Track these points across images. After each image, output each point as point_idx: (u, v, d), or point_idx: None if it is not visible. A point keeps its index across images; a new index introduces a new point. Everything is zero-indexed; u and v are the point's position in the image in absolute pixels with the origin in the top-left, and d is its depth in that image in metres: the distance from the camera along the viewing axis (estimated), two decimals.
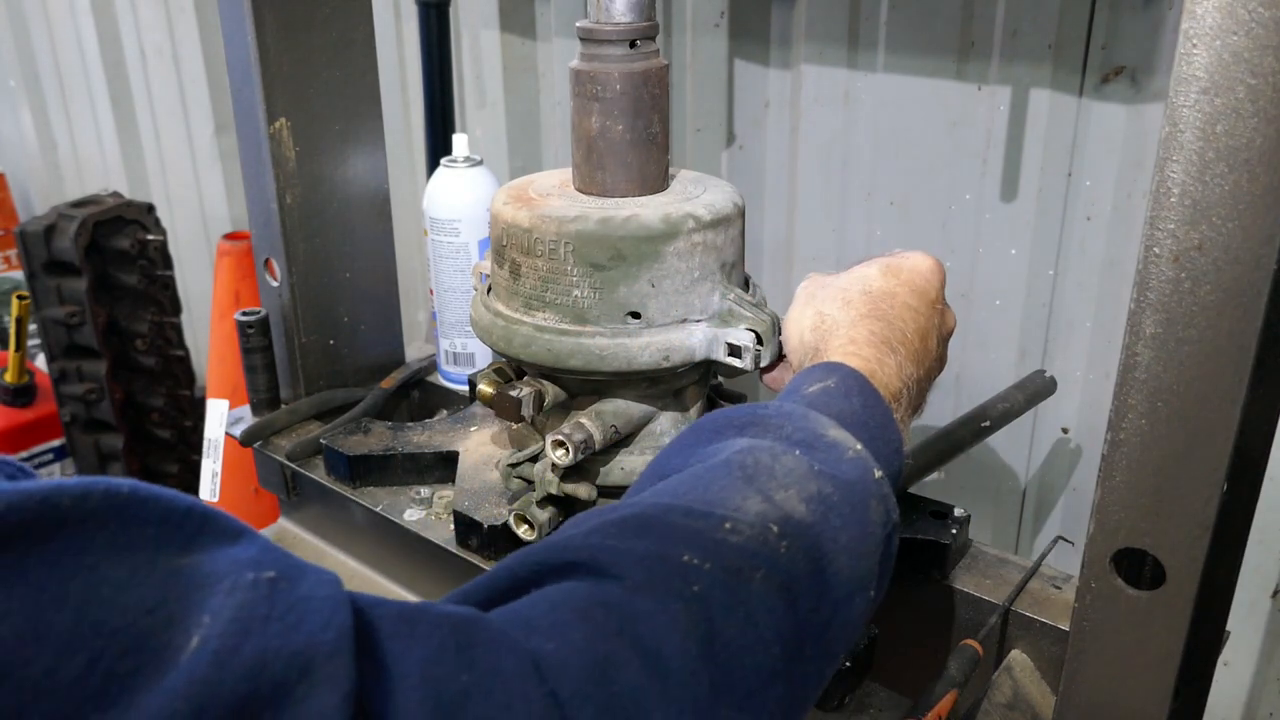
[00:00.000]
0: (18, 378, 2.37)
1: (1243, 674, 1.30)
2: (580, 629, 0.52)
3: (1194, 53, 0.52)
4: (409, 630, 0.48)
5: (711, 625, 0.54)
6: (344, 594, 0.46)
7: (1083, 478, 1.36)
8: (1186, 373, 0.57)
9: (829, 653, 0.62)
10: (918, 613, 0.92)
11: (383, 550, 1.12)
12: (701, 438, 0.70)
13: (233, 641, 0.41)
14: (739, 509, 0.60)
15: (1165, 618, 0.63)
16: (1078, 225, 1.26)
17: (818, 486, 0.63)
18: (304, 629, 0.43)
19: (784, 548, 0.59)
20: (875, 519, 0.65)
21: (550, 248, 0.86)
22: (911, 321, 0.81)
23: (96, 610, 0.39)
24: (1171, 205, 0.55)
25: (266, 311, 1.18)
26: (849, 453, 0.67)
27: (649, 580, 0.54)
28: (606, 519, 0.59)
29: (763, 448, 0.65)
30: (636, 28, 0.86)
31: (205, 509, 0.45)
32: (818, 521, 0.62)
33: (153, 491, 0.43)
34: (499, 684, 0.48)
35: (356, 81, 1.18)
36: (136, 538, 0.42)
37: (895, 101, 1.34)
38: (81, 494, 0.41)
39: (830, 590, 0.61)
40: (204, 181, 2.64)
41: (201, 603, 0.42)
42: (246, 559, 0.44)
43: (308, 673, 0.42)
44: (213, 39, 2.40)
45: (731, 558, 0.57)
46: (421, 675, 0.47)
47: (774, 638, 0.56)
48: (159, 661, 0.39)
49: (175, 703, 0.39)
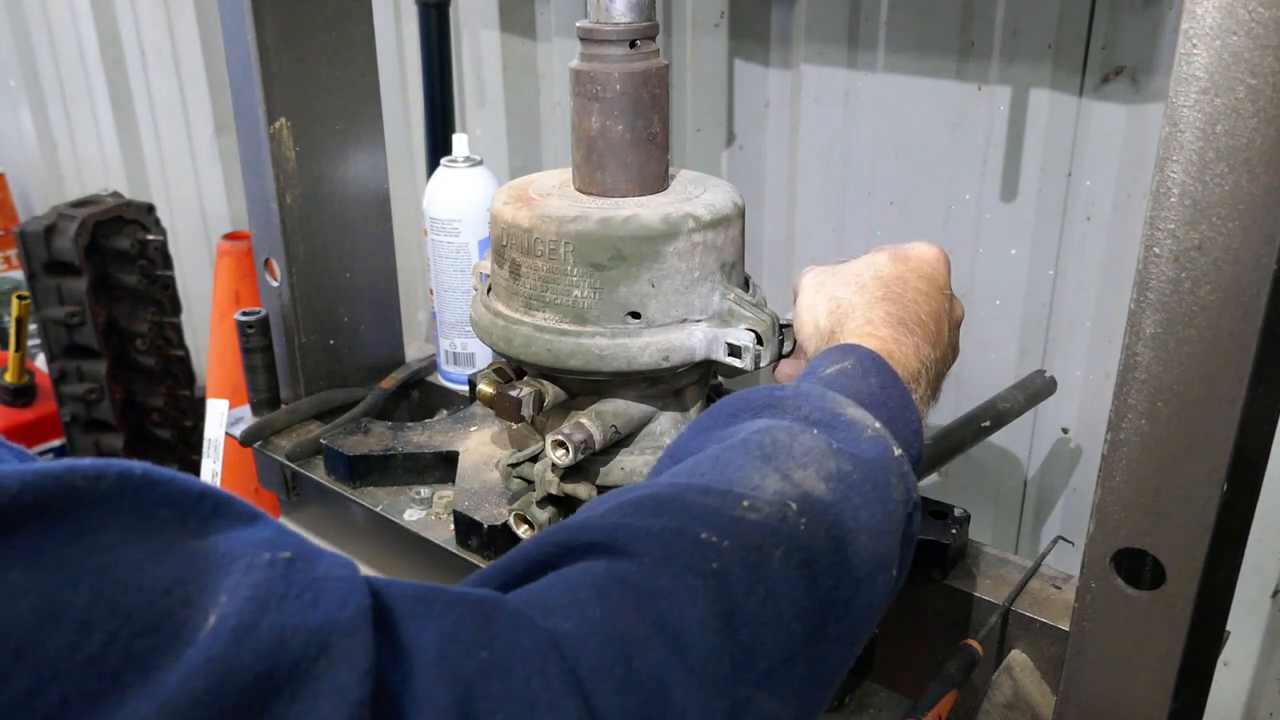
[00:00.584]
0: (18, 378, 2.37)
1: (1243, 674, 1.30)
2: (598, 606, 0.51)
3: (1194, 53, 0.52)
4: (426, 609, 0.48)
5: (731, 602, 0.53)
6: (360, 576, 0.46)
7: (1083, 478, 1.36)
8: (1186, 373, 0.57)
9: (852, 633, 0.61)
10: (918, 613, 0.92)
11: (383, 550, 1.12)
12: (719, 421, 0.69)
13: (250, 619, 0.41)
14: (757, 487, 0.59)
15: (1165, 618, 0.63)
16: (1078, 225, 1.26)
17: (837, 464, 0.63)
18: (321, 607, 0.43)
19: (803, 525, 0.58)
20: (896, 497, 0.64)
21: (550, 248, 0.86)
22: (925, 304, 0.80)
23: (113, 590, 0.39)
24: (1171, 205, 0.55)
25: (266, 311, 1.18)
26: (868, 431, 0.66)
27: (667, 557, 0.54)
28: (622, 499, 0.59)
29: (780, 427, 0.65)
30: (636, 28, 0.86)
31: (219, 493, 0.45)
32: (838, 500, 0.61)
33: (166, 475, 0.43)
34: (518, 662, 0.48)
35: (356, 81, 1.18)
36: (151, 519, 0.42)
37: (895, 101, 1.34)
38: (96, 474, 0.41)
39: (852, 569, 0.60)
40: (204, 181, 2.64)
41: (218, 582, 0.42)
42: (262, 540, 0.44)
43: (326, 649, 0.42)
44: (213, 39, 2.40)
45: (750, 535, 0.56)
46: (439, 653, 0.46)
47: (795, 616, 0.56)
48: (176, 640, 0.39)
49: (193, 680, 0.39)
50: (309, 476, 1.11)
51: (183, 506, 0.43)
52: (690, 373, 0.93)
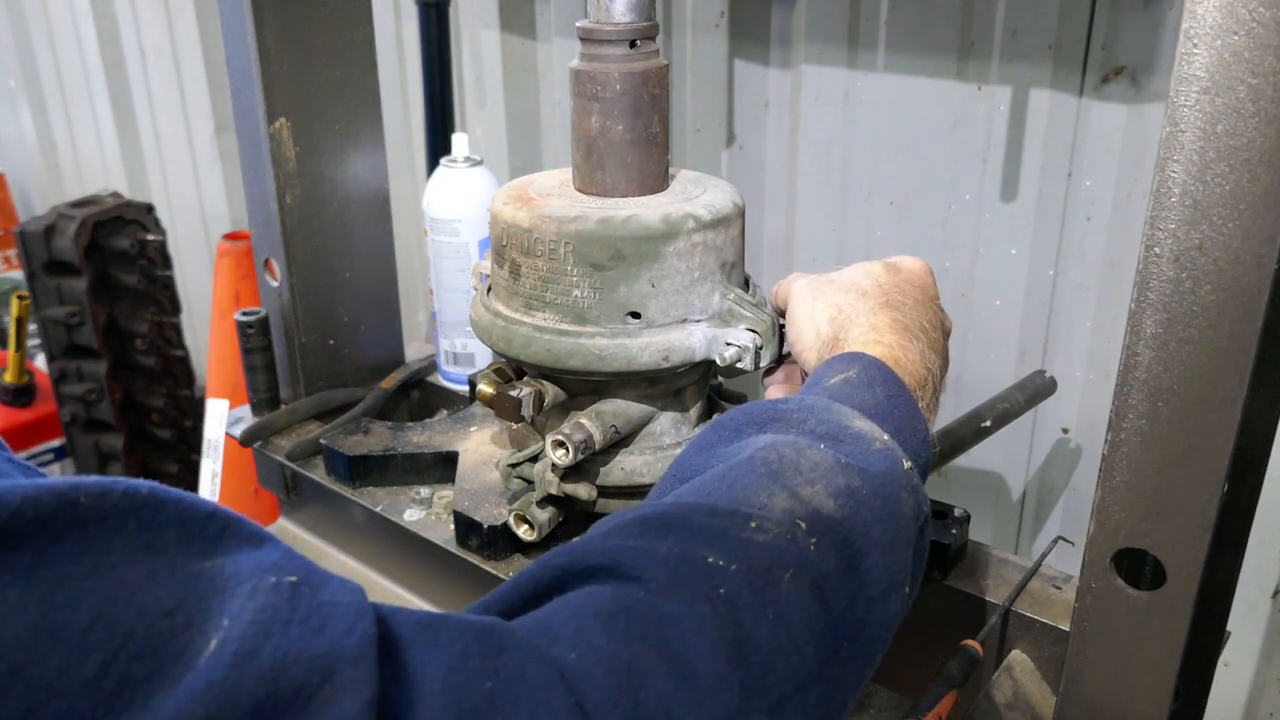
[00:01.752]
0: (18, 378, 2.37)
1: (1243, 674, 1.30)
2: (603, 634, 0.50)
3: (1194, 52, 0.52)
4: (431, 637, 0.47)
5: (740, 628, 0.52)
6: (367, 602, 0.46)
7: (1083, 478, 1.36)
8: (1186, 373, 0.57)
9: (865, 654, 0.60)
10: (918, 613, 0.92)
11: (383, 550, 1.12)
12: (722, 437, 0.68)
13: (252, 644, 0.40)
14: (765, 506, 0.58)
15: (1165, 618, 0.63)
16: (1078, 225, 1.26)
17: (845, 480, 0.61)
18: (327, 634, 0.42)
19: (813, 545, 0.57)
20: (907, 512, 0.63)
21: (550, 248, 0.85)
22: (925, 312, 0.80)
23: (113, 611, 0.38)
24: (1172, 205, 0.55)
25: (266, 311, 1.18)
26: (876, 444, 0.65)
27: (673, 583, 0.53)
28: (627, 520, 0.58)
29: (786, 443, 0.63)
30: (636, 28, 0.86)
31: (228, 514, 0.45)
32: (848, 517, 0.60)
33: (173, 495, 0.43)
34: (524, 692, 0.47)
35: (356, 81, 1.18)
36: (156, 539, 0.41)
37: (895, 101, 1.34)
38: (101, 493, 0.40)
39: (864, 588, 0.59)
40: (204, 181, 2.64)
41: (221, 606, 0.41)
42: (269, 563, 0.44)
43: (330, 677, 0.41)
44: (213, 39, 2.40)
45: (758, 557, 0.55)
46: (444, 682, 0.46)
47: (807, 640, 0.55)
48: (176, 664, 0.39)
49: (192, 705, 0.38)
50: (309, 476, 1.11)
51: (190, 527, 0.43)
52: (690, 373, 0.93)
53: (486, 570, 0.94)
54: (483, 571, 0.94)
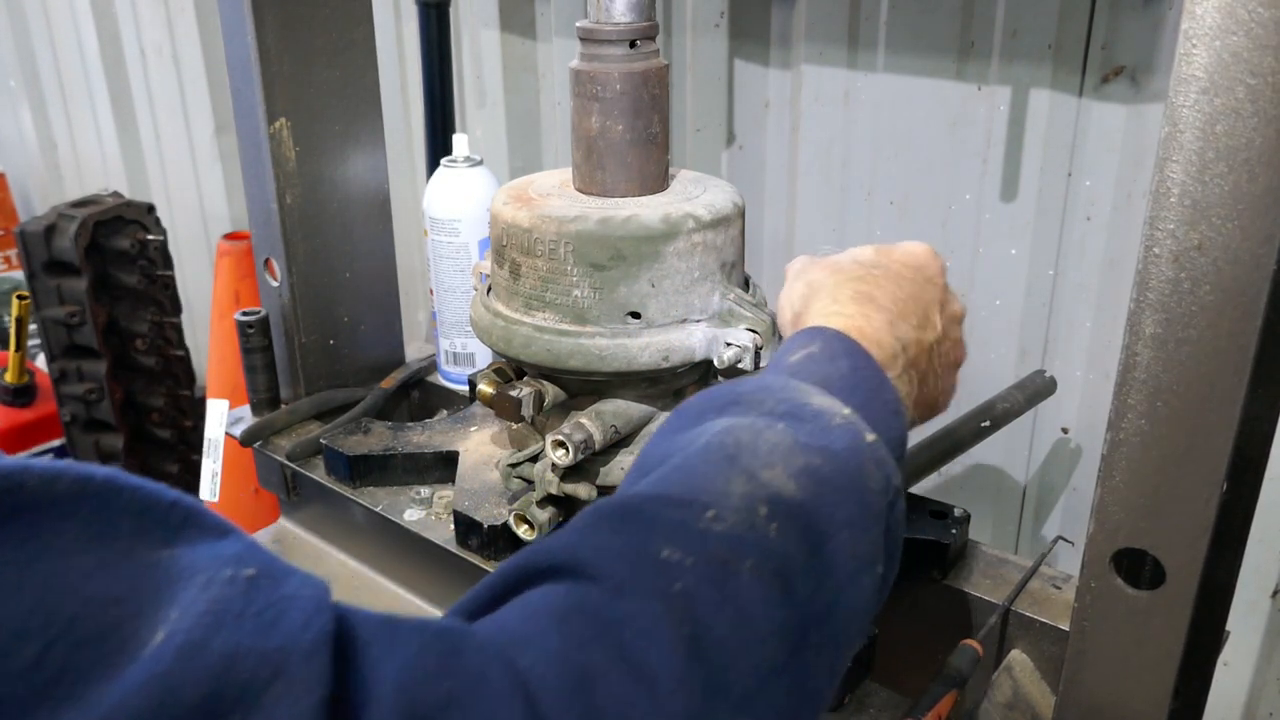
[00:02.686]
0: (18, 378, 2.37)
1: (1243, 674, 1.30)
2: (556, 636, 0.48)
3: (1194, 53, 0.52)
4: (389, 637, 0.46)
5: (698, 625, 0.50)
6: (328, 599, 0.44)
7: (1083, 478, 1.36)
8: (1186, 373, 0.57)
9: (837, 640, 0.57)
10: (918, 613, 0.92)
11: (383, 550, 1.12)
12: (684, 423, 0.65)
13: (200, 636, 0.39)
14: (723, 493, 0.56)
15: (1165, 618, 0.63)
16: (1078, 225, 1.26)
17: (806, 460, 0.59)
18: (281, 628, 0.41)
19: (774, 530, 0.55)
20: (874, 487, 0.61)
21: (550, 248, 0.86)
22: (906, 286, 0.76)
23: (56, 598, 0.37)
24: (1171, 205, 0.55)
25: (266, 311, 1.18)
26: (836, 419, 0.62)
27: (628, 579, 0.51)
28: (585, 513, 0.56)
29: (743, 425, 0.61)
30: (636, 28, 0.86)
31: (191, 503, 0.43)
32: (810, 498, 0.57)
33: (133, 482, 0.42)
34: (481, 695, 0.45)
35: (356, 81, 1.18)
36: (110, 528, 0.40)
37: (895, 101, 1.34)
38: (50, 477, 0.39)
39: (831, 571, 0.56)
40: (204, 181, 2.64)
41: (173, 596, 0.40)
42: (229, 555, 0.42)
43: (280, 673, 0.40)
44: (213, 39, 2.40)
45: (717, 548, 0.53)
46: (398, 683, 0.44)
47: (771, 631, 0.53)
48: (119, 654, 0.37)
49: (132, 698, 0.37)
50: (309, 476, 1.11)
51: (148, 516, 0.41)
52: (690, 373, 0.93)
53: (486, 570, 0.94)
54: (483, 571, 0.94)
